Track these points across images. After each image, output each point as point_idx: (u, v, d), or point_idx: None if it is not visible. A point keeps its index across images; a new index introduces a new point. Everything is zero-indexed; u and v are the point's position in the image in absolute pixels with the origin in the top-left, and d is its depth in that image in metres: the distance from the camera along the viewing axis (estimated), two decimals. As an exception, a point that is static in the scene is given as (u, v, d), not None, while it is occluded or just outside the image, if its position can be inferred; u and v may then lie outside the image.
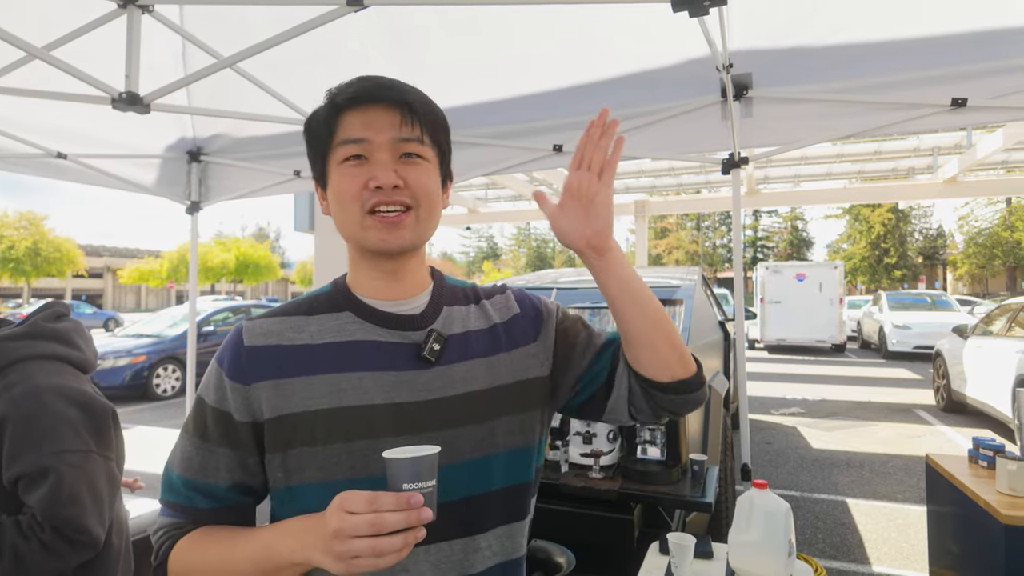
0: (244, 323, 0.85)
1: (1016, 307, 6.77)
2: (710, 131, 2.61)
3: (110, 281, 49.48)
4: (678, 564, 1.59)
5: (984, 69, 2.19)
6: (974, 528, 2.15)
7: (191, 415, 0.86)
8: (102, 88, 1.90)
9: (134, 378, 9.26)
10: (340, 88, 0.84)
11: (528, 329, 0.94)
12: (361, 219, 0.81)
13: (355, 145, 0.81)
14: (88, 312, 27.89)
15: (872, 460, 5.56)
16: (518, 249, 62.58)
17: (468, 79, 2.60)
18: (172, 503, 0.84)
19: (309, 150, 0.88)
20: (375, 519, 0.63)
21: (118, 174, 3.33)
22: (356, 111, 0.82)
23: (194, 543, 0.80)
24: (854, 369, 12.02)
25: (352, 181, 0.81)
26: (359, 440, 0.79)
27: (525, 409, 0.90)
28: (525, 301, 0.98)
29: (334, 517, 0.65)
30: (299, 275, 45.74)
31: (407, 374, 0.83)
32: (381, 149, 0.81)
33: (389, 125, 0.81)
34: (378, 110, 0.82)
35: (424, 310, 0.88)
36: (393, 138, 0.81)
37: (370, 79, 0.84)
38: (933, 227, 42.75)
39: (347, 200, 0.82)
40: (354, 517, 0.63)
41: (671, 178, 16.11)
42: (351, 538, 0.63)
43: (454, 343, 0.87)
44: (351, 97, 0.82)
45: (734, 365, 4.46)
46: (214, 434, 0.82)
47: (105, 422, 1.35)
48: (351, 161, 0.82)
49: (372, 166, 0.81)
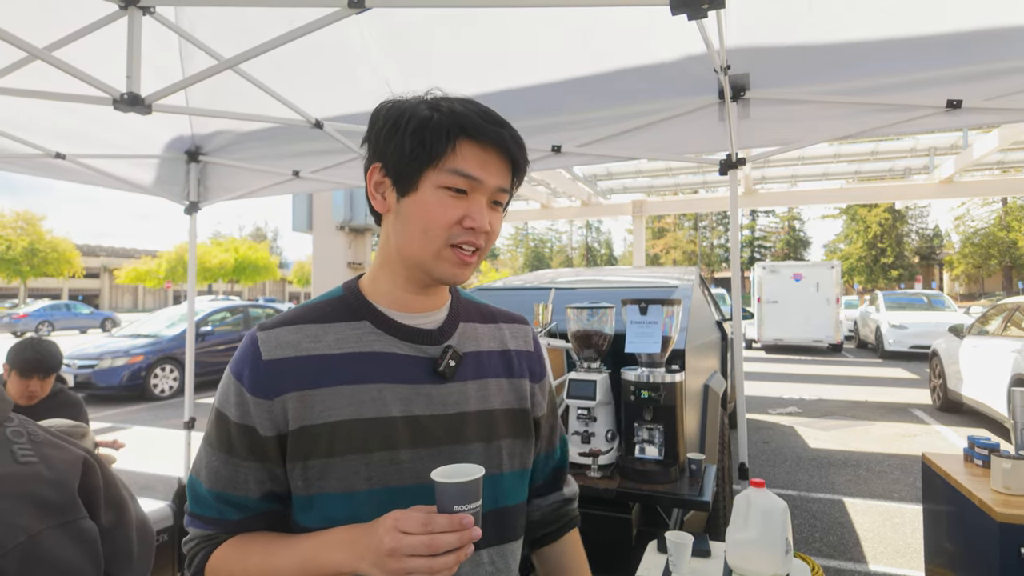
0: (258, 334, 0.83)
1: (1012, 307, 6.80)
2: (708, 132, 2.62)
3: (107, 281, 49.37)
4: (676, 562, 1.60)
5: (979, 71, 2.21)
6: (969, 526, 2.17)
7: (213, 429, 0.85)
8: (103, 89, 1.90)
9: (131, 378, 9.24)
10: (462, 106, 0.82)
11: (536, 369, 1.00)
12: (441, 249, 0.81)
13: (466, 180, 0.80)
14: (85, 312, 27.78)
15: (868, 459, 5.58)
16: (516, 249, 62.58)
17: (467, 79, 2.61)
18: (203, 516, 0.85)
19: (402, 152, 0.81)
20: (431, 540, 0.66)
21: (116, 174, 3.33)
22: (477, 145, 0.80)
23: (232, 552, 0.81)
24: (851, 369, 12.05)
25: (449, 212, 0.80)
26: (377, 452, 0.80)
27: (527, 435, 0.95)
28: (538, 347, 1.05)
29: (388, 537, 0.68)
30: (296, 275, 45.70)
31: (423, 387, 0.84)
32: (484, 192, 0.82)
33: (499, 173, 0.82)
34: (495, 153, 0.82)
35: (442, 325, 0.90)
36: (497, 186, 0.82)
37: (489, 112, 0.83)
38: (929, 227, 42.91)
39: (435, 227, 0.80)
40: (410, 537, 0.67)
41: (668, 178, 16.15)
42: (407, 557, 0.66)
43: (468, 361, 0.90)
44: (478, 128, 0.80)
45: (731, 365, 4.47)
46: (240, 449, 0.82)
47: None
48: (453, 192, 0.80)
49: (470, 204, 0.81)
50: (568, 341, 2.40)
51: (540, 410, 1.01)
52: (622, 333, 2.26)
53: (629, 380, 2.20)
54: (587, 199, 16.97)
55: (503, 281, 4.14)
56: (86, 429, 2.19)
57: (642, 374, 2.18)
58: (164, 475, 2.78)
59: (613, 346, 2.33)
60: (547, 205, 17.35)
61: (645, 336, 2.21)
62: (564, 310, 2.39)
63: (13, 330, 24.12)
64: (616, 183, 17.03)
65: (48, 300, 30.77)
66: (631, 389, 2.19)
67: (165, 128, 3.23)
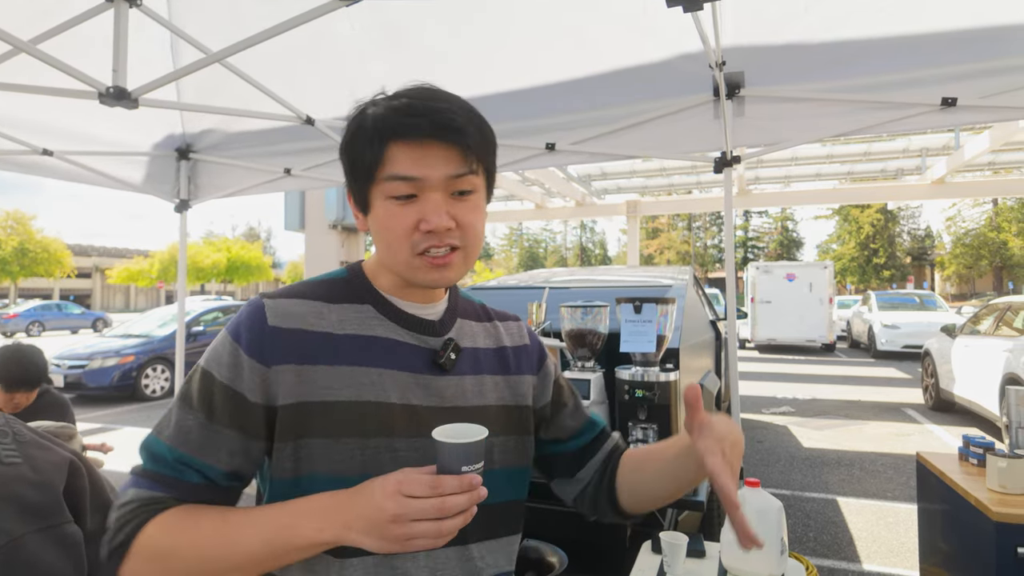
0: (265, 301, 0.80)
1: (1003, 307, 6.84)
2: (702, 130, 2.61)
3: (98, 281, 49.05)
4: (670, 563, 1.59)
5: (973, 69, 2.21)
6: (965, 525, 2.16)
7: (195, 387, 0.77)
8: (89, 83, 1.87)
9: (122, 378, 9.17)
10: (387, 108, 0.77)
11: (533, 362, 0.99)
12: (410, 259, 0.78)
13: (405, 183, 0.75)
14: (76, 312, 27.60)
15: (862, 458, 5.60)
16: (510, 249, 62.61)
17: (461, 74, 2.59)
18: (156, 474, 0.75)
19: (348, 172, 0.81)
20: (441, 503, 0.63)
21: (106, 171, 3.29)
22: (408, 143, 0.75)
23: (176, 520, 0.71)
24: (844, 368, 12.10)
25: (401, 221, 0.76)
26: (374, 437, 0.78)
27: (523, 432, 0.94)
28: (534, 337, 1.04)
29: (391, 502, 0.64)
30: (290, 276, 45.58)
31: (423, 377, 0.83)
32: (434, 188, 0.76)
33: (444, 162, 0.76)
34: (433, 145, 0.75)
35: (442, 317, 0.89)
36: (447, 176, 0.76)
37: (419, 102, 0.76)
38: (921, 228, 43.20)
39: (395, 239, 0.77)
40: (418, 502, 0.63)
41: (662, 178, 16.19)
42: (413, 521, 0.63)
43: (466, 356, 0.89)
44: (401, 126, 0.75)
45: (725, 364, 4.47)
46: (222, 413, 0.75)
47: None
48: (400, 200, 0.76)
49: (423, 205, 0.76)
50: (562, 340, 2.38)
51: (544, 399, 1.00)
52: (616, 332, 2.25)
53: (623, 379, 2.18)
54: (581, 199, 16.98)
55: (497, 281, 4.12)
56: (73, 431, 2.15)
57: (636, 373, 2.16)
58: (154, 476, 2.74)
59: (607, 345, 2.32)
60: (541, 205, 17.35)
61: (639, 335, 2.19)
62: (558, 309, 2.37)
63: (3, 331, 23.95)
64: (610, 183, 17.06)
65: (39, 300, 30.54)
66: (625, 388, 2.17)
67: (155, 125, 3.20)
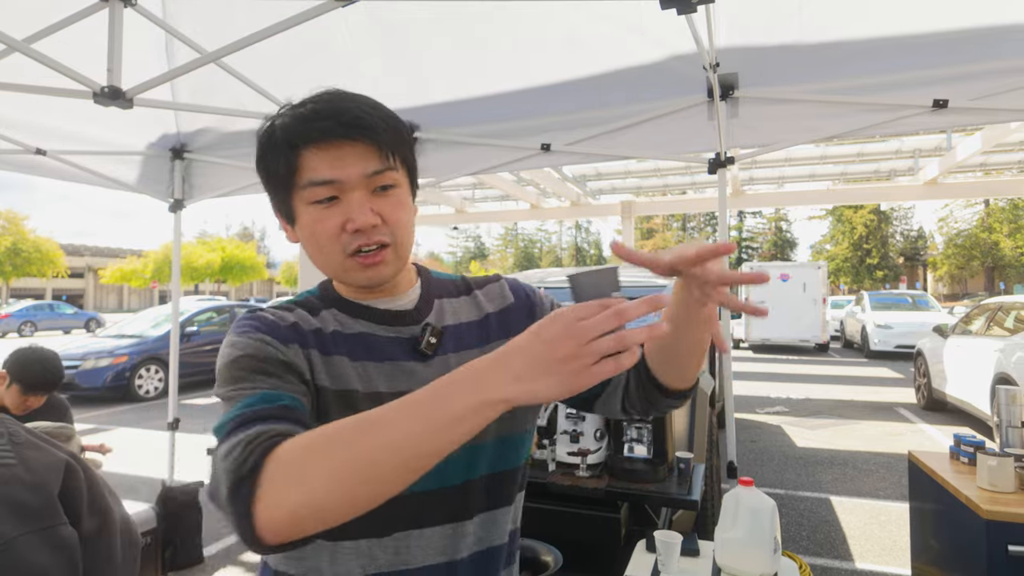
0: (264, 309, 0.82)
1: (994, 307, 6.89)
2: (697, 131, 2.62)
3: (92, 281, 48.75)
4: (665, 562, 1.59)
5: (964, 72, 2.23)
6: (956, 523, 2.18)
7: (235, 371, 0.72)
8: (84, 82, 1.86)
9: (116, 379, 9.12)
10: (293, 117, 0.77)
11: (522, 318, 0.94)
12: (342, 261, 0.79)
13: (324, 187, 0.76)
14: (69, 312, 27.42)
15: (855, 458, 5.63)
16: (505, 249, 62.57)
17: (456, 75, 2.59)
18: (249, 410, 0.67)
19: (266, 186, 0.82)
20: (618, 309, 0.56)
21: (100, 171, 3.28)
22: (319, 147, 0.75)
23: (312, 432, 0.62)
24: (837, 368, 12.16)
25: (327, 224, 0.77)
26: None
27: None
28: (519, 291, 0.98)
29: (563, 331, 0.56)
30: (284, 275, 45.45)
31: (407, 364, 0.83)
32: (354, 187, 0.77)
33: (358, 160, 0.76)
34: (344, 145, 0.75)
35: (417, 304, 0.89)
36: (365, 174, 0.77)
37: (324, 106, 0.77)
38: (914, 228, 43.42)
39: (324, 243, 0.78)
40: (591, 320, 0.56)
41: (657, 179, 16.19)
42: (594, 340, 0.55)
43: (448, 335, 0.88)
44: (308, 133, 0.75)
45: (719, 364, 4.49)
46: (276, 369, 0.73)
47: None
48: (322, 204, 0.77)
49: (346, 206, 0.77)
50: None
51: None
52: (611, 332, 2.25)
53: (618, 379, 2.18)
54: (576, 199, 16.98)
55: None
56: (72, 432, 2.14)
57: (631, 373, 2.17)
58: (148, 477, 2.74)
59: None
60: (536, 205, 17.34)
61: (634, 335, 2.20)
62: (553, 309, 2.37)
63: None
64: (605, 183, 17.05)
65: (31, 300, 30.34)
66: (620, 388, 2.18)
67: (150, 125, 3.19)
